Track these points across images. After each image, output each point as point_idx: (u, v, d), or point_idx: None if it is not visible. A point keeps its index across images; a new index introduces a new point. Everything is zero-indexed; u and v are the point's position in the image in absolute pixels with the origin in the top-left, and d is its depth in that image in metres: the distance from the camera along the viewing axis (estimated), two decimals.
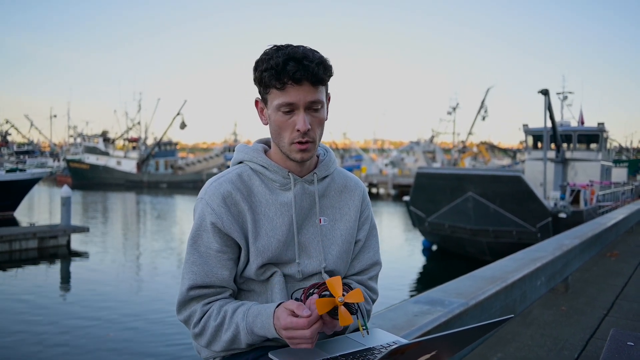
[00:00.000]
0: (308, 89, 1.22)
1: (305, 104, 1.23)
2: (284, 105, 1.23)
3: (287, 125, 1.25)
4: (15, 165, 28.03)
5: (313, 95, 1.23)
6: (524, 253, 4.15)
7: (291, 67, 1.19)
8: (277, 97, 1.23)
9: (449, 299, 2.52)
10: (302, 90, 1.21)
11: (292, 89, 1.21)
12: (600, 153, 20.22)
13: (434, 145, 59.37)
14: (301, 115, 1.23)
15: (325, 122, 1.31)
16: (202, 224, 1.28)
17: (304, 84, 1.21)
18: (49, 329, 8.19)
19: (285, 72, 1.19)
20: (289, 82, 1.20)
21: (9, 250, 13.53)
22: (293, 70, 1.19)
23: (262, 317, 1.18)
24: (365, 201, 1.47)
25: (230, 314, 1.24)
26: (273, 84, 1.22)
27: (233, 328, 1.22)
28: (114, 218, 25.21)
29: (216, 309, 1.26)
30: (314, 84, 1.22)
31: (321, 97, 1.25)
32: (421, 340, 0.95)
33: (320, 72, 1.21)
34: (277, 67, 1.19)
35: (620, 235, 8.23)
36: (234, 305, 1.26)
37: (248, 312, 1.22)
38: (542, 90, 16.91)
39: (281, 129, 1.26)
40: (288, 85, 1.21)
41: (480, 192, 14.51)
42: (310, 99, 1.23)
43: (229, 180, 1.31)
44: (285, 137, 1.27)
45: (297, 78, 1.19)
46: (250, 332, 1.20)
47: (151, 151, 52.78)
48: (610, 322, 3.69)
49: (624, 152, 49.73)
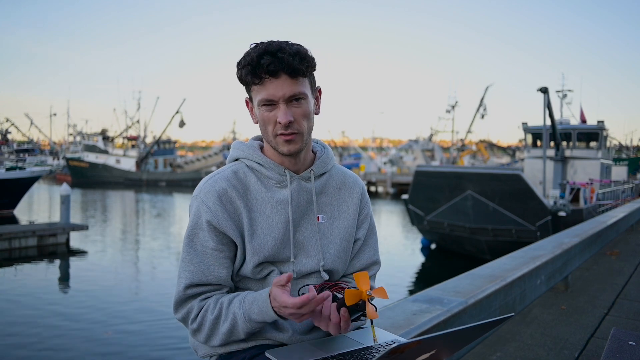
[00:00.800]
0: (286, 82, 1.21)
1: (285, 98, 1.21)
2: (264, 101, 1.22)
3: (270, 119, 1.24)
4: (15, 163, 28.02)
5: (292, 88, 1.21)
6: (524, 251, 4.14)
7: (265, 60, 1.18)
8: (258, 93, 1.23)
9: (447, 298, 2.50)
10: (280, 84, 1.20)
11: (270, 83, 1.20)
12: (600, 151, 20.20)
13: (432, 144, 59.33)
14: (282, 108, 1.22)
15: (313, 114, 1.29)
16: (198, 222, 1.26)
17: (281, 76, 1.20)
18: (48, 327, 8.18)
19: (260, 66, 1.19)
20: (266, 76, 1.20)
21: (8, 248, 13.52)
22: (267, 63, 1.18)
23: (259, 302, 1.18)
24: (364, 199, 1.45)
25: (226, 305, 1.23)
26: (251, 80, 1.22)
27: (230, 318, 1.21)
28: (113, 216, 25.19)
29: (212, 302, 1.25)
30: (291, 75, 1.20)
31: (302, 88, 1.23)
32: (421, 339, 0.94)
33: (295, 62, 1.20)
34: (253, 63, 1.19)
35: (621, 234, 8.22)
36: (229, 296, 1.26)
37: (244, 301, 1.21)
38: (542, 88, 16.88)
39: (265, 124, 1.26)
40: (266, 80, 1.20)
41: (480, 191, 14.50)
42: (290, 93, 1.21)
43: (224, 178, 1.29)
44: (270, 131, 1.26)
45: (272, 70, 1.19)
46: (249, 320, 1.19)
47: (150, 149, 52.75)
48: (611, 322, 3.67)
49: (623, 150, 49.74)
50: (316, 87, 1.32)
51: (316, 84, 1.32)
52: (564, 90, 29.16)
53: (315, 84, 1.31)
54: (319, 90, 1.34)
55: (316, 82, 1.32)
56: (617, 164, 28.87)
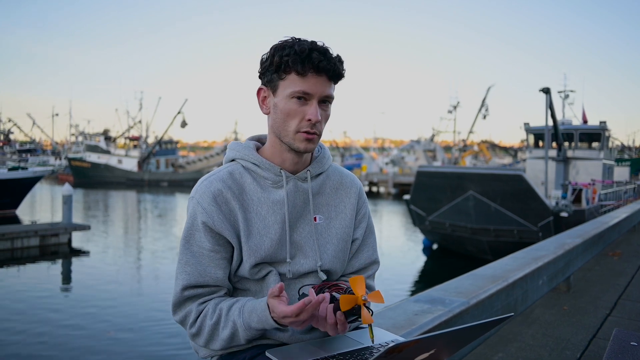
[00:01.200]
0: (325, 82, 1.23)
1: (321, 96, 1.24)
2: (300, 93, 1.23)
3: (297, 113, 1.24)
4: (18, 163, 28.08)
5: (328, 90, 1.25)
6: (525, 252, 4.13)
7: (316, 56, 1.20)
8: (294, 83, 1.22)
9: (449, 298, 2.50)
10: (320, 82, 1.23)
11: (312, 77, 1.22)
12: (602, 152, 20.15)
13: (434, 144, 59.29)
14: (314, 105, 1.24)
15: None
16: (194, 224, 1.26)
17: (323, 76, 1.23)
18: (50, 327, 8.19)
19: (310, 60, 1.20)
20: (310, 70, 1.21)
21: (10, 248, 13.55)
22: (318, 59, 1.20)
23: (258, 311, 1.17)
24: (361, 198, 1.45)
25: (225, 312, 1.22)
26: (295, 68, 1.21)
27: (230, 326, 1.21)
28: (115, 216, 25.23)
29: (211, 307, 1.25)
30: (331, 78, 1.24)
31: (333, 93, 1.27)
32: (419, 338, 0.93)
33: (339, 68, 1.24)
34: (303, 54, 1.20)
35: (623, 235, 8.20)
36: (228, 302, 1.25)
37: (243, 309, 1.21)
38: (544, 88, 16.86)
39: (289, 117, 1.25)
40: (309, 73, 1.21)
41: (481, 191, 14.48)
42: (326, 92, 1.24)
43: (220, 179, 1.29)
44: (292, 125, 1.25)
45: (320, 68, 1.21)
46: (248, 328, 1.19)
47: (152, 150, 52.85)
48: (613, 322, 3.66)
49: (626, 151, 49.61)
50: None
51: None
52: (566, 90, 29.06)
53: None
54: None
55: None
56: (619, 164, 28.79)
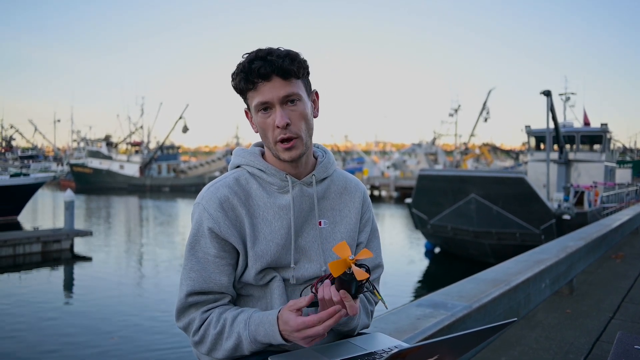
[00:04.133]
0: (279, 84, 1.22)
1: (279, 99, 1.23)
2: (260, 105, 1.24)
3: (267, 125, 1.25)
4: (20, 169, 28.13)
5: (285, 89, 1.22)
6: (528, 255, 4.12)
7: (256, 64, 1.20)
8: (253, 98, 1.24)
9: (452, 302, 2.50)
10: (273, 86, 1.22)
11: (263, 86, 1.22)
12: (603, 154, 20.12)
13: (436, 147, 59.31)
14: (278, 111, 1.23)
15: (311, 117, 1.29)
16: (200, 230, 1.27)
17: (274, 79, 1.22)
18: (52, 333, 8.19)
19: (252, 71, 1.21)
20: (258, 80, 1.21)
21: (12, 255, 13.57)
22: (258, 66, 1.20)
23: (265, 325, 1.17)
24: (365, 203, 1.45)
25: (230, 322, 1.22)
26: (246, 87, 1.24)
27: (235, 337, 1.20)
28: (117, 222, 25.25)
29: (215, 316, 1.24)
30: (284, 77, 1.22)
31: (295, 89, 1.24)
32: (422, 345, 0.93)
33: (286, 63, 1.21)
34: (244, 69, 1.22)
35: (626, 237, 8.17)
36: (233, 313, 1.24)
37: (249, 321, 1.20)
38: (545, 91, 16.87)
39: (265, 130, 1.26)
40: (259, 84, 1.22)
41: (483, 194, 14.46)
42: (284, 93, 1.22)
43: (226, 185, 1.29)
44: (270, 138, 1.26)
45: (263, 74, 1.20)
46: (254, 341, 1.19)
47: (154, 155, 52.92)
48: (616, 325, 3.65)
49: (627, 153, 49.51)
50: (312, 91, 1.33)
51: (312, 87, 1.33)
52: (567, 93, 29.05)
53: (311, 88, 1.32)
54: (316, 93, 1.35)
55: (312, 86, 1.33)
56: (621, 166, 28.71)
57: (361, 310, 1.35)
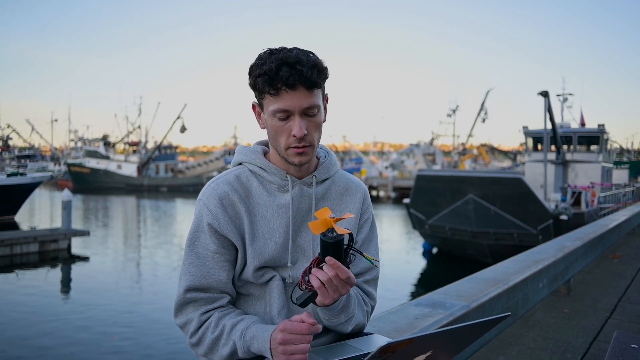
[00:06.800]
0: (303, 94, 1.19)
1: (301, 110, 1.20)
2: (279, 112, 1.21)
3: (283, 130, 1.23)
4: (17, 169, 28.04)
5: (308, 100, 1.20)
6: (526, 255, 4.13)
7: (284, 72, 1.16)
8: (272, 103, 1.21)
9: (450, 301, 2.50)
10: (296, 96, 1.19)
11: (286, 94, 1.18)
12: (600, 155, 20.19)
13: (434, 148, 59.39)
14: (297, 121, 1.21)
15: (322, 124, 1.29)
16: (200, 225, 1.27)
17: (299, 89, 1.18)
18: (51, 333, 8.17)
19: (279, 78, 1.16)
20: (282, 87, 1.18)
21: (9, 254, 13.54)
22: (286, 75, 1.16)
23: (259, 340, 1.17)
24: (365, 202, 1.45)
25: (228, 330, 1.23)
26: (267, 90, 1.20)
27: (231, 345, 1.21)
28: (115, 222, 25.20)
29: (214, 321, 1.25)
30: (308, 88, 1.19)
31: (317, 101, 1.22)
32: (412, 337, 0.91)
33: (314, 76, 1.18)
34: (270, 73, 1.17)
35: (622, 237, 8.20)
36: (232, 320, 1.24)
37: (245, 332, 1.20)
38: (542, 92, 16.92)
39: (277, 134, 1.25)
40: (282, 91, 1.18)
41: (481, 195, 14.50)
42: (306, 105, 1.20)
43: (227, 182, 1.30)
44: (282, 142, 1.25)
45: (290, 83, 1.17)
46: (247, 351, 1.20)
47: (151, 155, 52.85)
48: (614, 325, 3.66)
49: (624, 153, 49.65)
50: (325, 95, 1.31)
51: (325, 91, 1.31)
52: (565, 93, 29.07)
53: (325, 92, 1.30)
54: (327, 97, 1.33)
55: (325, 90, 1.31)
56: (618, 167, 28.79)
57: (357, 310, 1.34)
